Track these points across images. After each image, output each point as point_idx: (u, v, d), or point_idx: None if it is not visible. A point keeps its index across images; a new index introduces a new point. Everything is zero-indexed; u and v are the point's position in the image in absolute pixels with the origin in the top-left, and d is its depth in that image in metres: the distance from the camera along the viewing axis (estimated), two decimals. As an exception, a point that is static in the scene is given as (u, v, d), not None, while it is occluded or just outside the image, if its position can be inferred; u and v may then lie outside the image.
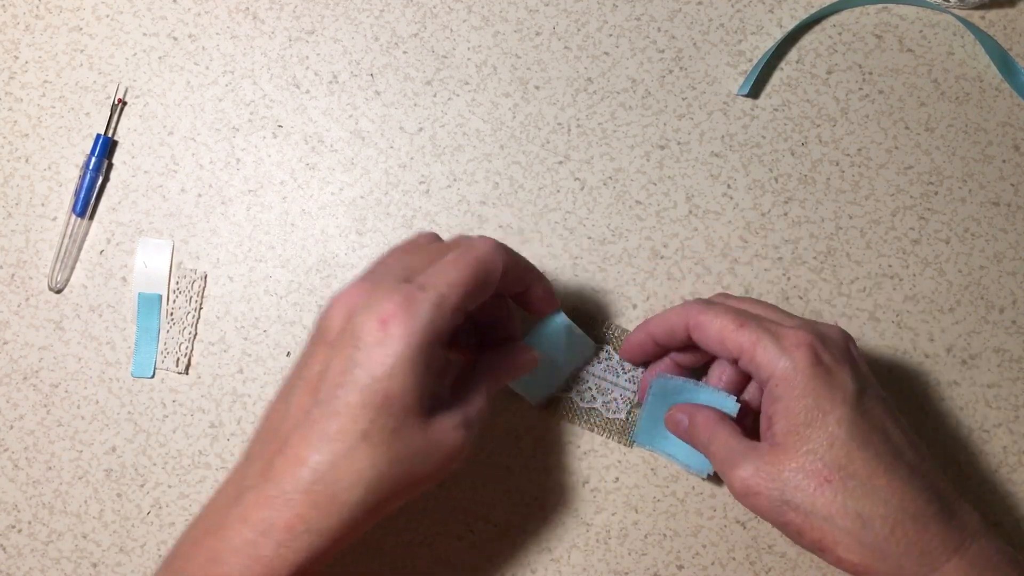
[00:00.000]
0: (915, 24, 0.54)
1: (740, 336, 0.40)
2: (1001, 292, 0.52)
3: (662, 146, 0.53)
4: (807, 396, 0.39)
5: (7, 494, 0.50)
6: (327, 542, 0.36)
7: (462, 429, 0.39)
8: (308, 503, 0.36)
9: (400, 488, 0.37)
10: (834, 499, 0.38)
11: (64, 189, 0.52)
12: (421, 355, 0.36)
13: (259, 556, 0.35)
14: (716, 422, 0.43)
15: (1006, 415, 0.51)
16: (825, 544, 0.38)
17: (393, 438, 0.36)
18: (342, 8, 0.53)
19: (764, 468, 0.39)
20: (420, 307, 0.37)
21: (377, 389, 0.36)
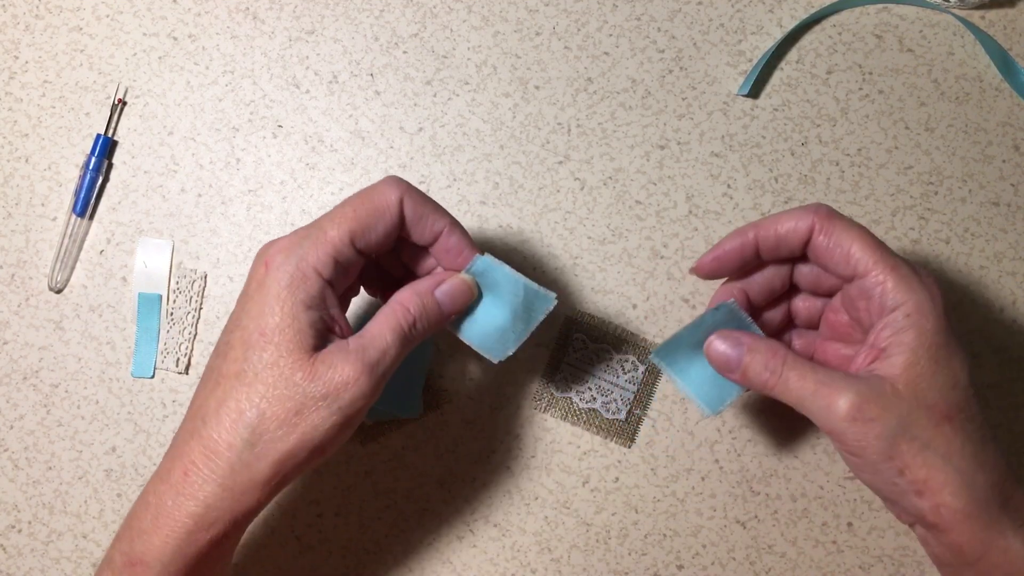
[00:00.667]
0: (915, 24, 0.54)
1: (877, 255, 0.38)
2: (1001, 292, 0.52)
3: (662, 146, 0.53)
4: (940, 333, 0.37)
5: (7, 494, 0.50)
6: (221, 490, 0.36)
7: (353, 360, 0.37)
8: (200, 448, 0.37)
9: (286, 426, 0.36)
10: (954, 437, 0.37)
11: (64, 189, 0.52)
12: (293, 289, 0.37)
13: (162, 506, 0.37)
14: (787, 350, 0.40)
15: (1006, 415, 0.51)
16: (931, 485, 0.37)
17: (268, 373, 0.36)
18: (342, 8, 0.53)
19: (880, 396, 0.37)
20: (297, 244, 0.38)
21: (252, 328, 0.37)
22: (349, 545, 0.50)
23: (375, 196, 0.39)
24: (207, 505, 0.37)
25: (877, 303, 0.38)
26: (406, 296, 0.40)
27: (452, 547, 0.50)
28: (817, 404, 0.38)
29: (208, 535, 0.37)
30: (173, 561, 0.37)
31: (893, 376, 0.37)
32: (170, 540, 0.37)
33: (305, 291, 0.37)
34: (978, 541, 0.37)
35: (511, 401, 0.51)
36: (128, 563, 0.37)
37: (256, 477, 0.37)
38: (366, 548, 0.50)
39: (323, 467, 0.50)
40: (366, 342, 0.38)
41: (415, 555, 0.50)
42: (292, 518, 0.50)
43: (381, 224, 0.39)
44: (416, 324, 0.39)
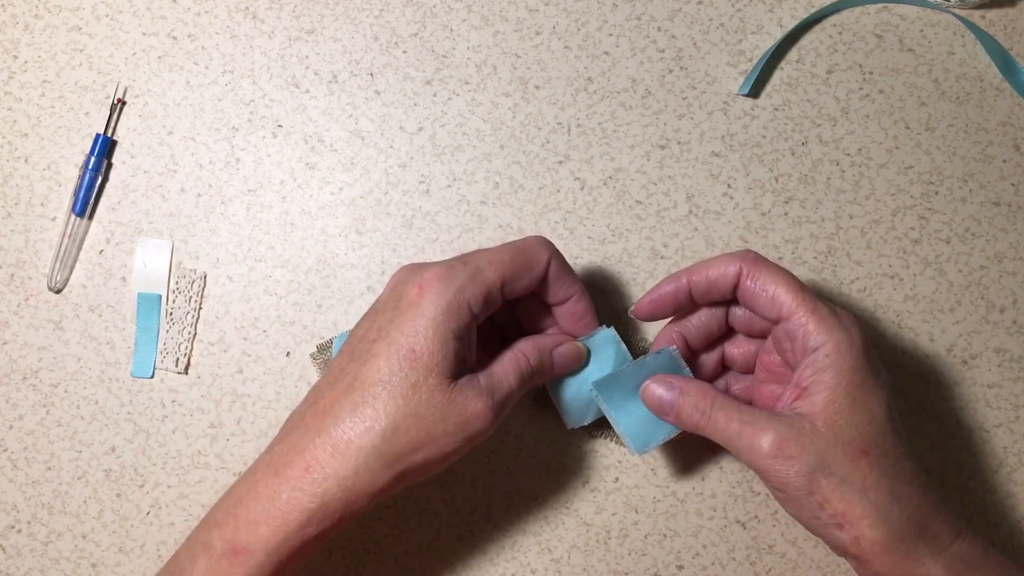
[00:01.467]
0: (915, 24, 0.54)
1: (799, 299, 0.40)
2: (1001, 292, 0.52)
3: (662, 146, 0.53)
4: (858, 372, 0.39)
5: (7, 494, 0.50)
6: (339, 490, 0.38)
7: (484, 396, 0.40)
8: (326, 448, 0.38)
9: (415, 444, 0.39)
10: (870, 472, 0.38)
11: (64, 189, 0.52)
12: (448, 318, 0.39)
13: (276, 498, 0.38)
14: (717, 392, 0.42)
15: (1006, 415, 0.51)
16: (849, 518, 0.38)
17: (411, 391, 0.38)
18: (342, 8, 0.53)
19: (801, 433, 0.39)
20: (455, 275, 0.40)
21: (402, 343, 0.39)
22: (349, 545, 0.50)
23: (529, 251, 0.42)
24: (323, 503, 0.38)
25: (800, 344, 0.40)
26: (529, 347, 0.43)
27: (452, 547, 0.50)
28: (742, 443, 0.40)
29: (316, 530, 0.39)
30: (277, 552, 0.38)
31: (813, 414, 0.39)
32: (279, 532, 0.38)
33: (458, 322, 0.39)
34: (899, 571, 0.39)
35: (511, 401, 0.51)
36: (231, 550, 0.38)
37: (376, 483, 0.39)
38: (366, 548, 0.50)
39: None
40: (495, 382, 0.41)
41: (415, 555, 0.50)
42: (292, 518, 0.50)
43: (528, 277, 0.42)
44: (532, 375, 0.43)
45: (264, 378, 0.51)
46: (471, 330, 0.41)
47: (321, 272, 0.52)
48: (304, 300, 0.51)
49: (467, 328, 0.40)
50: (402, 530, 0.50)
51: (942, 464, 0.50)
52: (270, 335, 0.51)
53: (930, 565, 0.38)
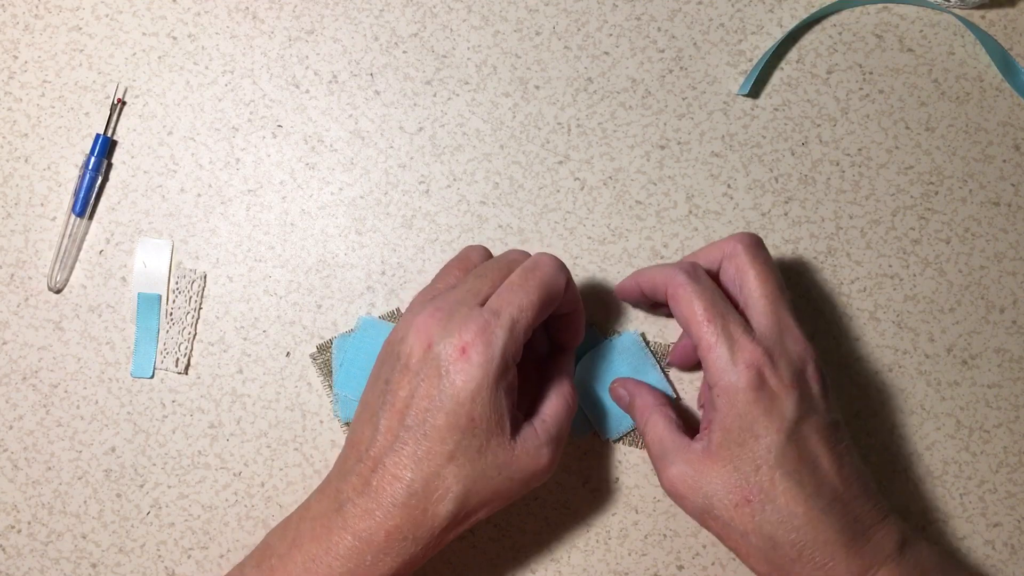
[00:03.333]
0: (915, 24, 0.54)
1: (701, 330, 0.41)
2: (1002, 292, 0.52)
3: (662, 146, 0.53)
4: (744, 417, 0.40)
5: (7, 494, 0.50)
6: (420, 549, 0.40)
7: (545, 448, 0.41)
8: (404, 515, 0.39)
9: (487, 501, 0.41)
10: (751, 519, 0.40)
11: (63, 189, 0.52)
12: (499, 379, 0.39)
13: (361, 561, 0.40)
14: (654, 408, 0.45)
15: (1006, 415, 0.51)
16: (739, 554, 0.42)
17: (478, 457, 0.40)
18: (342, 8, 0.53)
19: (692, 474, 0.41)
20: (496, 333, 0.39)
21: (461, 413, 0.39)
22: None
23: (553, 284, 0.42)
24: (405, 561, 0.40)
25: (706, 376, 0.42)
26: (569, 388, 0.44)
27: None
28: (655, 467, 0.44)
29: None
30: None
31: (709, 452, 0.41)
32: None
33: (507, 381, 0.40)
34: None
35: (511, 401, 0.51)
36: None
37: (447, 539, 0.41)
38: (366, 548, 0.50)
39: (324, 468, 0.50)
40: (551, 430, 0.42)
41: (415, 555, 0.50)
42: (292, 518, 0.50)
43: (549, 310, 0.42)
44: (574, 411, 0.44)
45: (264, 378, 0.51)
46: (515, 383, 0.41)
47: (321, 272, 0.52)
48: (304, 300, 0.51)
49: (513, 382, 0.41)
50: (402, 530, 0.50)
51: (942, 464, 0.50)
52: (270, 335, 0.51)
53: None
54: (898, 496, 0.50)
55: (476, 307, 0.40)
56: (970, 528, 0.50)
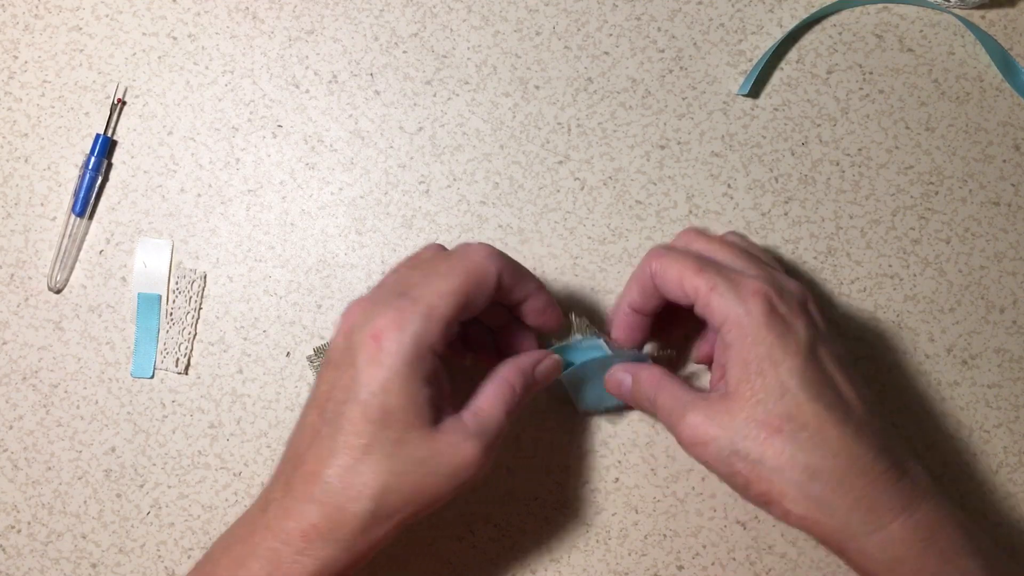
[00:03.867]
0: (915, 24, 0.54)
1: (698, 280, 0.40)
2: (1001, 292, 0.52)
3: (662, 146, 0.53)
4: (760, 344, 0.38)
5: (7, 494, 0.50)
6: (341, 552, 0.38)
7: (473, 439, 0.39)
8: (321, 514, 0.38)
9: (409, 499, 0.38)
10: (783, 450, 0.37)
11: (63, 189, 0.52)
12: (414, 367, 0.38)
13: (280, 562, 0.38)
14: (662, 376, 0.43)
15: (1006, 415, 0.51)
16: (772, 496, 0.38)
17: (395, 449, 0.38)
18: (342, 8, 0.53)
19: (714, 416, 0.39)
20: (409, 320, 0.38)
21: (374, 404, 0.37)
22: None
23: (478, 271, 0.40)
24: (325, 564, 0.38)
25: (711, 325, 0.40)
26: (512, 373, 0.42)
27: (452, 547, 0.50)
28: (673, 430, 0.41)
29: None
30: None
31: (728, 394, 0.39)
32: None
33: (423, 369, 0.38)
34: (833, 542, 0.38)
35: (511, 401, 0.51)
36: None
37: (374, 540, 0.39)
38: (366, 548, 0.50)
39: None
40: (483, 421, 0.40)
41: (415, 555, 0.50)
42: (292, 518, 0.50)
43: (481, 300, 0.40)
44: (521, 400, 0.42)
45: (264, 378, 0.51)
46: (439, 370, 0.39)
47: (321, 272, 0.52)
48: (304, 300, 0.51)
49: (434, 370, 0.39)
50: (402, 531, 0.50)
51: (942, 464, 0.50)
52: (270, 335, 0.51)
53: (864, 542, 0.37)
54: (898, 496, 0.50)
55: (399, 296, 0.39)
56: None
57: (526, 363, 0.43)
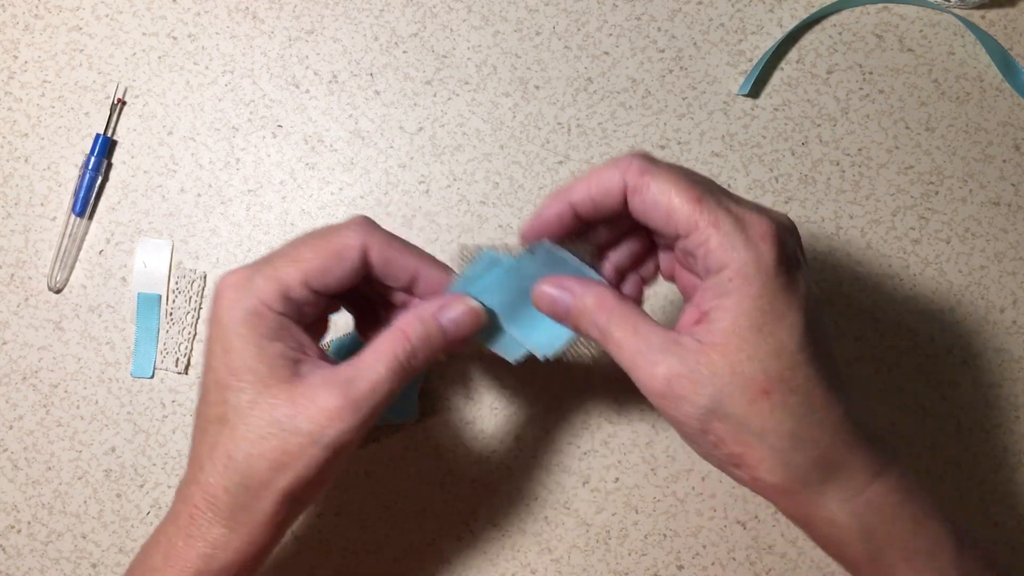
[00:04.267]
0: (915, 24, 0.54)
1: (697, 212, 0.34)
2: (1001, 292, 0.52)
3: (662, 146, 0.53)
4: (765, 297, 0.33)
5: (7, 494, 0.50)
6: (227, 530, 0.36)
7: (333, 390, 0.35)
8: (200, 493, 0.36)
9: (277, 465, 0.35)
10: (771, 415, 0.33)
11: (63, 189, 0.52)
12: (252, 325, 0.36)
13: (171, 547, 0.37)
14: (616, 300, 0.36)
15: (1006, 415, 0.51)
16: (745, 460, 0.34)
17: (249, 414, 0.36)
18: (342, 8, 0.53)
19: (694, 368, 0.34)
20: (251, 279, 0.37)
21: (221, 368, 0.36)
22: (349, 545, 0.50)
23: (335, 240, 0.37)
24: (215, 546, 0.36)
25: (702, 264, 0.34)
26: (407, 321, 0.37)
27: (452, 547, 0.50)
28: (636, 374, 0.35)
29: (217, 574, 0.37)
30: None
31: (712, 344, 0.34)
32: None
33: (264, 325, 0.36)
34: (800, 514, 0.35)
35: (511, 401, 0.51)
36: None
37: (258, 517, 0.36)
38: (366, 548, 0.50)
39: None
40: (355, 373, 0.36)
41: (415, 555, 0.50)
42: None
43: (339, 269, 0.37)
44: (417, 354, 0.37)
45: (264, 378, 0.51)
46: (285, 326, 0.37)
47: (321, 272, 0.52)
48: (304, 300, 0.51)
49: (278, 327, 0.36)
50: (402, 530, 0.50)
51: (942, 464, 0.50)
52: (270, 335, 0.51)
53: (836, 511, 0.35)
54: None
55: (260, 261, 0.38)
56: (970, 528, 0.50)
57: (426, 311, 0.38)
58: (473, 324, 0.39)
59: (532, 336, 0.40)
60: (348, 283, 0.38)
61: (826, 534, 0.35)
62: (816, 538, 0.36)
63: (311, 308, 0.38)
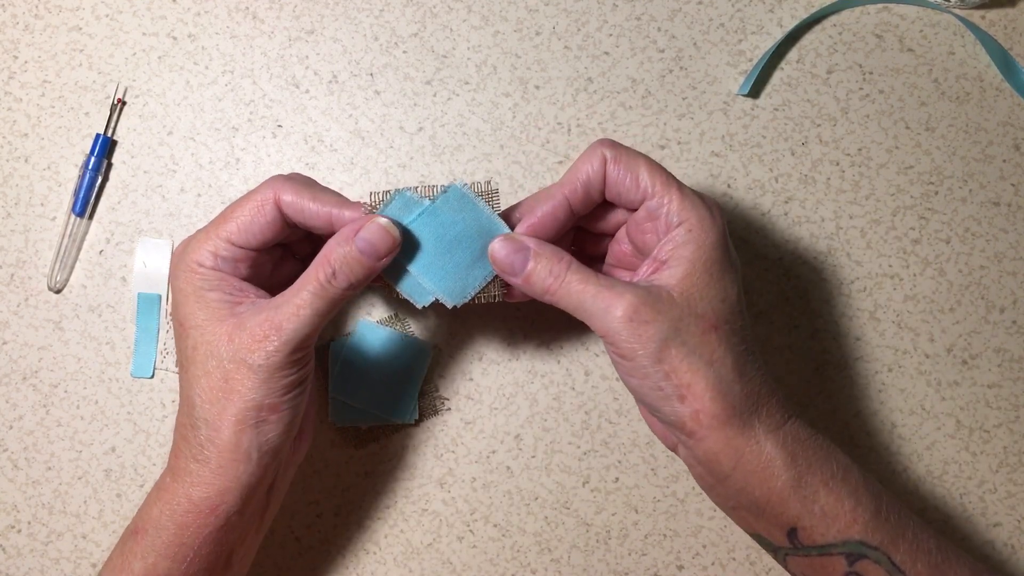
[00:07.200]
0: (915, 24, 0.54)
1: (662, 178, 0.40)
2: (1001, 292, 0.52)
3: (662, 146, 0.53)
4: (718, 250, 0.40)
5: (7, 494, 0.50)
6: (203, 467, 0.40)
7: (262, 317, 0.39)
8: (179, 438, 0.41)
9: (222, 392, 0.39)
10: (718, 346, 0.39)
11: (63, 189, 0.52)
12: (188, 280, 0.40)
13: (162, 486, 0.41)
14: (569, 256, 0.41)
15: (1006, 415, 0.51)
16: (694, 389, 0.39)
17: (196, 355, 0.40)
18: (342, 8, 0.53)
19: (657, 300, 0.39)
20: (187, 247, 0.41)
21: (175, 323, 0.41)
22: (349, 545, 0.50)
23: (250, 199, 0.41)
24: (193, 479, 0.40)
25: (663, 222, 0.40)
26: (327, 246, 0.40)
27: (452, 547, 0.50)
28: (596, 307, 0.39)
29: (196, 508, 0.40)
30: (165, 528, 0.40)
31: (670, 285, 0.39)
32: (165, 510, 0.40)
33: (200, 277, 0.41)
34: (732, 448, 0.39)
35: (511, 401, 0.51)
36: (132, 532, 0.41)
37: (222, 447, 0.39)
38: (366, 548, 0.50)
39: (322, 467, 0.50)
40: (282, 300, 0.39)
41: (415, 555, 0.50)
42: (291, 518, 0.50)
43: (257, 224, 0.41)
44: (336, 276, 0.39)
45: (264, 378, 0.51)
46: (219, 278, 0.41)
47: (321, 272, 0.52)
48: (304, 300, 0.51)
49: (213, 278, 0.41)
50: (402, 530, 0.50)
51: (942, 464, 0.50)
52: (270, 335, 0.51)
53: (764, 441, 0.39)
54: (898, 496, 0.50)
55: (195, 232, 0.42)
56: (970, 528, 0.50)
57: (342, 234, 0.40)
58: (387, 242, 0.40)
59: (442, 284, 0.42)
60: (272, 234, 0.41)
61: (755, 467, 0.39)
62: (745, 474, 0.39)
63: (247, 261, 0.42)
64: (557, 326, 0.51)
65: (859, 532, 0.39)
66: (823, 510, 0.39)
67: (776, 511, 0.39)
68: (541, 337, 0.51)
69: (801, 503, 0.39)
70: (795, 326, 0.51)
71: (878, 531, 0.39)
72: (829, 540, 0.39)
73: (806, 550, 0.40)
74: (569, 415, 0.51)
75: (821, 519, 0.39)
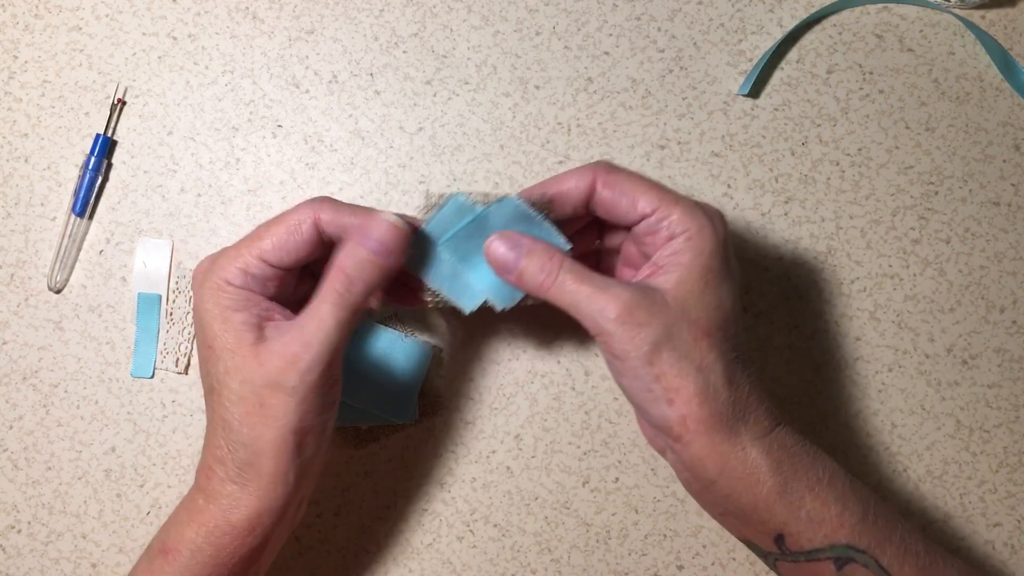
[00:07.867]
0: (915, 24, 0.54)
1: (661, 195, 0.40)
2: (1001, 292, 0.52)
3: (662, 146, 0.53)
4: (716, 259, 0.40)
5: (7, 494, 0.50)
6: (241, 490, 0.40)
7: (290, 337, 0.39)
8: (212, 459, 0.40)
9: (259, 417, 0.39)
10: (709, 352, 0.39)
11: (63, 189, 0.52)
12: (215, 301, 0.40)
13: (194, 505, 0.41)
14: (564, 254, 0.41)
15: (1006, 415, 0.51)
16: (682, 394, 0.39)
17: (228, 379, 0.39)
18: (342, 8, 0.53)
19: (651, 303, 0.39)
20: (215, 264, 0.41)
21: (202, 345, 0.40)
22: (349, 545, 0.50)
23: (287, 218, 0.41)
24: (230, 502, 0.40)
25: (664, 234, 0.40)
26: (339, 256, 0.40)
27: (452, 547, 0.50)
28: (591, 307, 0.39)
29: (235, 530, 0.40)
30: (201, 550, 0.40)
31: (664, 289, 0.39)
32: (201, 532, 0.40)
33: (227, 298, 0.40)
34: (718, 454, 0.39)
35: (511, 401, 0.51)
36: (162, 550, 0.41)
37: (263, 472, 0.39)
38: (366, 548, 0.50)
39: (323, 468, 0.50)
40: (305, 318, 0.39)
41: (415, 555, 0.50)
42: (292, 518, 0.50)
43: (293, 243, 0.40)
44: (354, 284, 0.39)
45: (264, 378, 0.51)
46: (247, 298, 0.40)
47: (321, 272, 0.52)
48: (304, 300, 0.51)
49: (241, 299, 0.40)
50: (402, 530, 0.50)
51: (942, 464, 0.50)
52: (270, 335, 0.51)
53: (750, 448, 0.39)
54: (898, 496, 0.50)
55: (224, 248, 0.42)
56: (970, 528, 0.50)
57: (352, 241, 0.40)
58: (396, 237, 0.40)
59: (494, 287, 0.42)
60: (307, 253, 0.41)
61: (740, 473, 0.39)
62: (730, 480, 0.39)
63: (276, 281, 0.41)
64: (557, 326, 0.51)
65: (846, 536, 0.39)
66: (809, 515, 0.39)
67: (763, 517, 0.39)
68: (541, 337, 0.51)
69: (787, 509, 0.39)
70: (795, 326, 0.51)
71: (865, 534, 0.39)
72: (816, 545, 0.39)
73: (794, 556, 0.40)
74: (569, 415, 0.51)
75: (808, 524, 0.39)
